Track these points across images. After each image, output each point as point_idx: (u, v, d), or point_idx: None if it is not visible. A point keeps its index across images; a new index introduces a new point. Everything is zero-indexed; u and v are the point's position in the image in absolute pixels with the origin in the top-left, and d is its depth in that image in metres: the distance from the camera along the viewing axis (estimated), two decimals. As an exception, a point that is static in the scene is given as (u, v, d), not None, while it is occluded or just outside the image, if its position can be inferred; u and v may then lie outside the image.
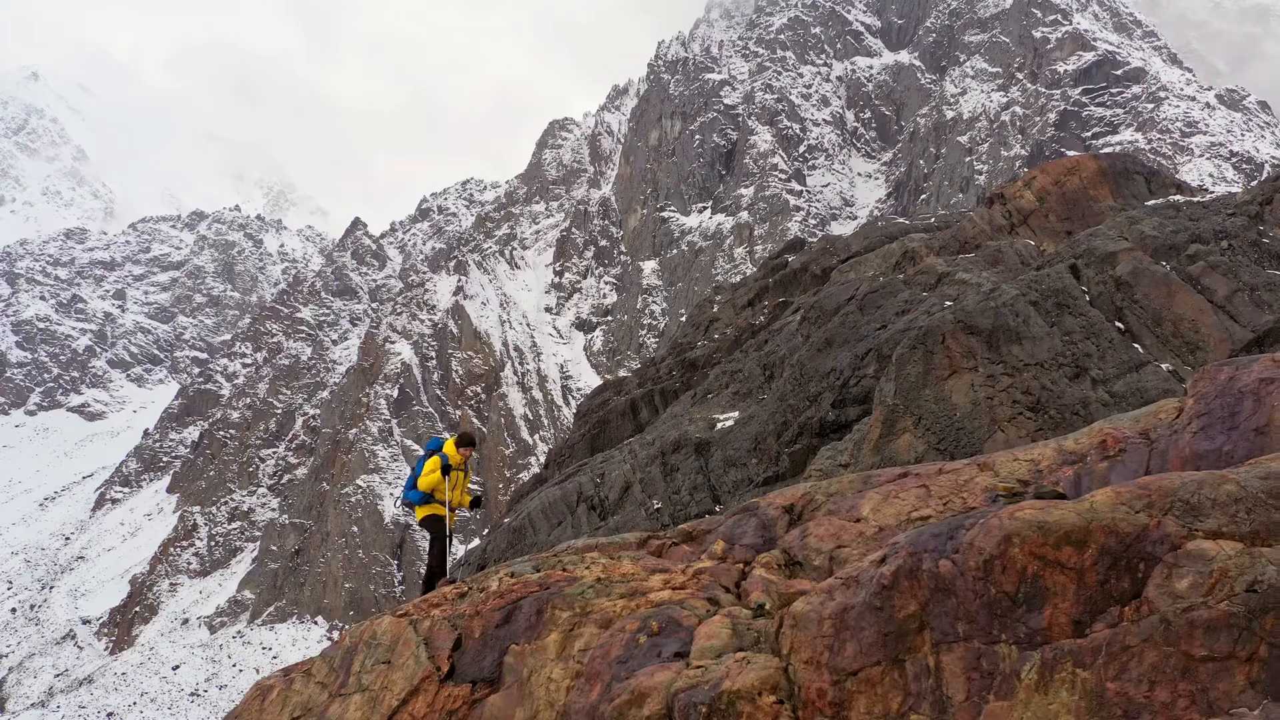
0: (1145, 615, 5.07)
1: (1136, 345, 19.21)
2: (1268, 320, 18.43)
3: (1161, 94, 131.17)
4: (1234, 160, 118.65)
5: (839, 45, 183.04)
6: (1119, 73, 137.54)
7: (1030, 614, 5.42)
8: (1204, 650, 4.82)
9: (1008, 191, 33.66)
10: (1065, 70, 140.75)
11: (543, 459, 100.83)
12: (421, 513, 13.23)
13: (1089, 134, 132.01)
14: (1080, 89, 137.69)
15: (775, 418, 28.85)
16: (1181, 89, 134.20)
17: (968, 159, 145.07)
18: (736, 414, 33.83)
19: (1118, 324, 19.66)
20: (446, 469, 13.04)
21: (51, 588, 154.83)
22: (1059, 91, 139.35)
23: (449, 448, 13.29)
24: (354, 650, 9.26)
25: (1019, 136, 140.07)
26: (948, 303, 22.82)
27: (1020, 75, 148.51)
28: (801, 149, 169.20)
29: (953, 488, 7.51)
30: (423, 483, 12.93)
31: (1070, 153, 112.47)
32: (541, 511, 38.03)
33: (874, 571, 6.06)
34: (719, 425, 33.85)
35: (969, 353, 19.61)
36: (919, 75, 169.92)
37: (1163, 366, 18.69)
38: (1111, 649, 5.06)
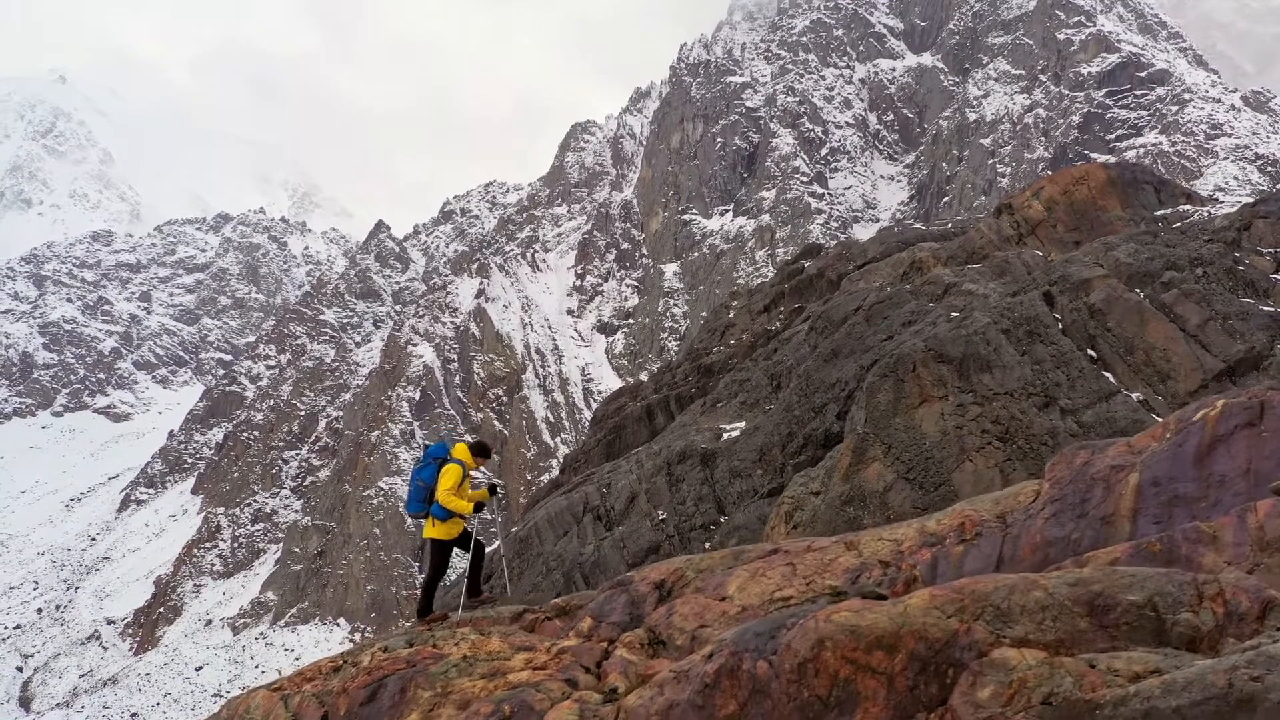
0: (949, 724, 5.06)
1: (1108, 374, 19.05)
2: (1239, 350, 18.24)
3: (1186, 96, 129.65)
4: (1259, 163, 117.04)
5: (861, 47, 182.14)
6: (1143, 75, 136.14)
7: (841, 718, 5.41)
8: (1001, 763, 4.81)
9: (1016, 201, 33.36)
10: (1089, 72, 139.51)
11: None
12: (441, 530, 11.79)
13: (1113, 136, 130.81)
14: (1104, 91, 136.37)
15: (781, 428, 28.87)
16: (1206, 91, 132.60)
17: (990, 161, 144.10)
18: (743, 424, 33.82)
19: (1090, 352, 19.50)
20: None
21: (77, 588, 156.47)
22: (1082, 94, 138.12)
23: (465, 455, 12.15)
24: (229, 725, 9.12)
25: (1042, 139, 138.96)
26: (953, 313, 22.69)
27: (1043, 77, 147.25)
28: (824, 151, 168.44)
29: (818, 567, 7.47)
30: (454, 504, 11.54)
31: (1094, 155, 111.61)
32: (548, 521, 37.97)
33: (700, 668, 6.06)
34: (725, 435, 33.87)
35: (939, 381, 19.53)
36: (942, 77, 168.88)
37: (1133, 396, 18.53)
38: (915, 758, 5.07)
